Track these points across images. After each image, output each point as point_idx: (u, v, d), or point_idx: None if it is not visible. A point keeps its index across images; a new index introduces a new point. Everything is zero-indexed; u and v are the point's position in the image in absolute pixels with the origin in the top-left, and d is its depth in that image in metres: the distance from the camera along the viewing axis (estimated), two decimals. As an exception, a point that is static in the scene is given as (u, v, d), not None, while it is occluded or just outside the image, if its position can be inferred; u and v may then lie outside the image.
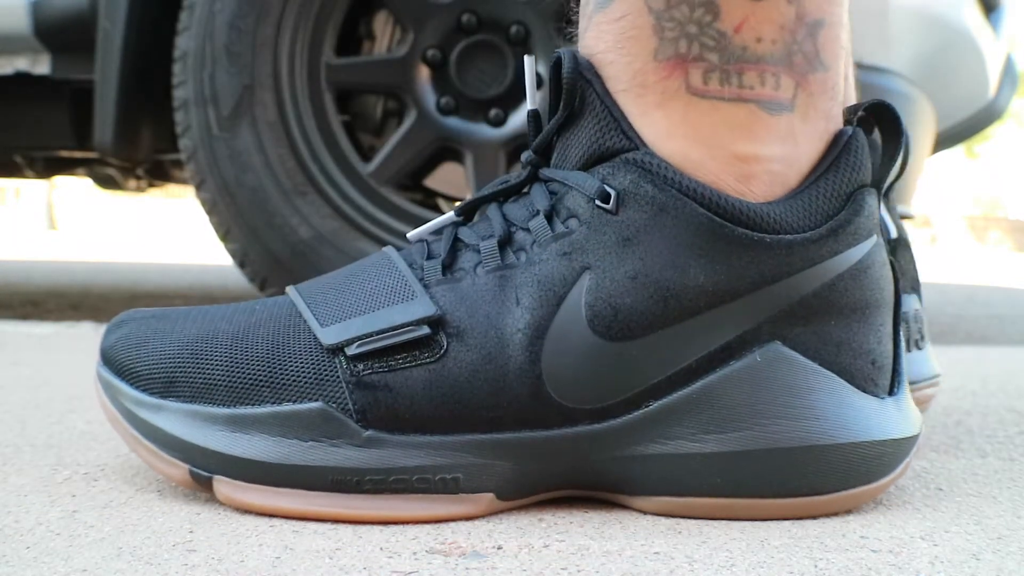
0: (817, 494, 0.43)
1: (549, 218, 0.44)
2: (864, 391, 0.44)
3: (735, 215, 0.42)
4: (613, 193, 0.43)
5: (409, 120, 1.19)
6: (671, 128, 0.43)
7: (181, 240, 8.70)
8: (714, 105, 0.43)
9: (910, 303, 0.59)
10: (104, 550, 0.38)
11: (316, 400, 0.43)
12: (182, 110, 1.24)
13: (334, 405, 0.43)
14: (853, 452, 0.43)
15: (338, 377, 0.43)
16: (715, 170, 0.43)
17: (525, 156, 0.47)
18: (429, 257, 0.46)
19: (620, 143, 0.43)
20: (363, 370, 0.43)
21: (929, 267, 6.41)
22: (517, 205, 0.46)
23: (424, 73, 1.18)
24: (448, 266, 0.45)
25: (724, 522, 0.43)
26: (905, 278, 0.60)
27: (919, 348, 0.59)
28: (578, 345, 0.42)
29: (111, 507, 0.44)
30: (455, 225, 0.47)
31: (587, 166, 0.44)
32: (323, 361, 0.43)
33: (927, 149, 1.38)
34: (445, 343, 0.43)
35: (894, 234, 0.61)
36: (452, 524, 0.42)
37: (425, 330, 0.43)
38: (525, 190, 0.47)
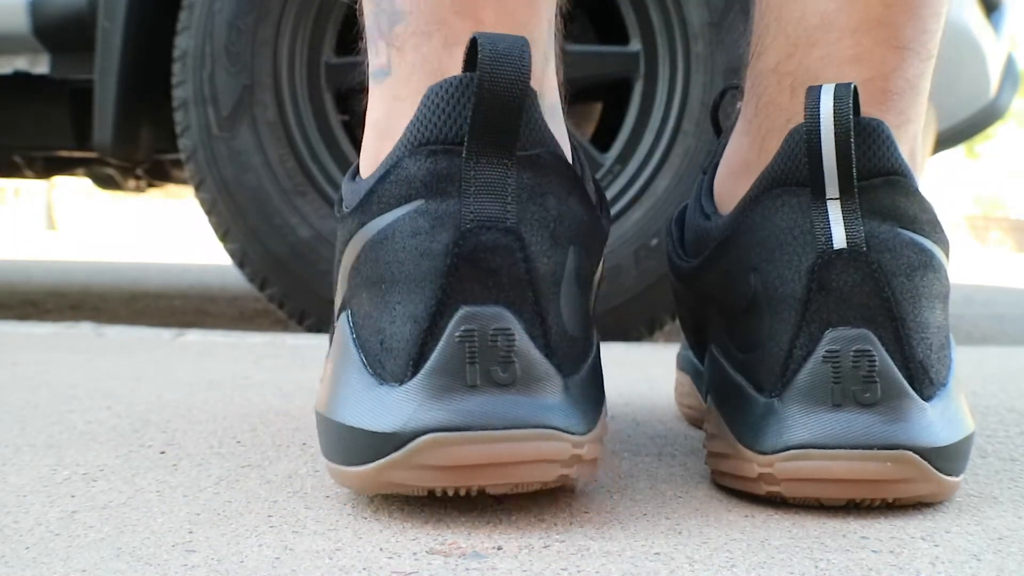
0: (326, 457, 0.44)
1: None
2: (372, 372, 0.41)
3: (344, 190, 0.46)
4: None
5: (409, 120, 1.19)
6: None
7: (181, 240, 8.71)
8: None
9: None
10: (103, 550, 0.38)
11: None
12: (182, 110, 1.24)
13: None
14: (331, 427, 0.43)
15: None
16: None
17: None
18: None
19: None
20: None
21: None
22: None
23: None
24: None
25: (725, 522, 0.43)
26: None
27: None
28: None
29: (110, 507, 0.44)
30: None
31: None
32: None
33: (928, 149, 1.38)
34: None
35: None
36: (452, 524, 0.42)
37: None
38: None
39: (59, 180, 2.34)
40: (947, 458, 0.44)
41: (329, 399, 0.43)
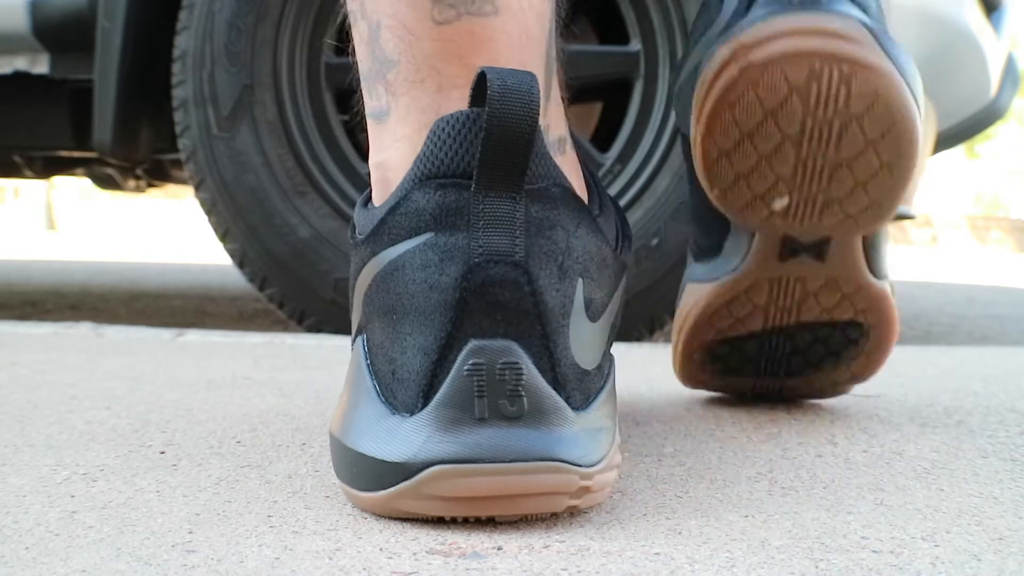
0: (339, 478, 0.45)
1: None
2: (385, 400, 0.42)
3: (356, 217, 0.47)
4: None
5: (409, 120, 1.19)
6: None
7: (181, 240, 8.71)
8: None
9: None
10: (103, 551, 0.38)
11: None
12: (181, 110, 1.24)
13: None
14: (344, 452, 0.44)
15: None
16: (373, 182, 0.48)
17: None
18: None
19: None
20: None
21: (930, 267, 6.41)
22: None
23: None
24: None
25: (725, 522, 0.43)
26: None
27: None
28: None
29: (110, 508, 0.44)
30: None
31: None
32: None
33: (928, 149, 1.38)
34: None
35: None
36: (452, 524, 0.42)
37: None
38: None
39: (59, 180, 2.34)
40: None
41: (344, 424, 0.44)
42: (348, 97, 1.29)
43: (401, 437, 0.41)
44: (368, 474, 0.42)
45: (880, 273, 0.63)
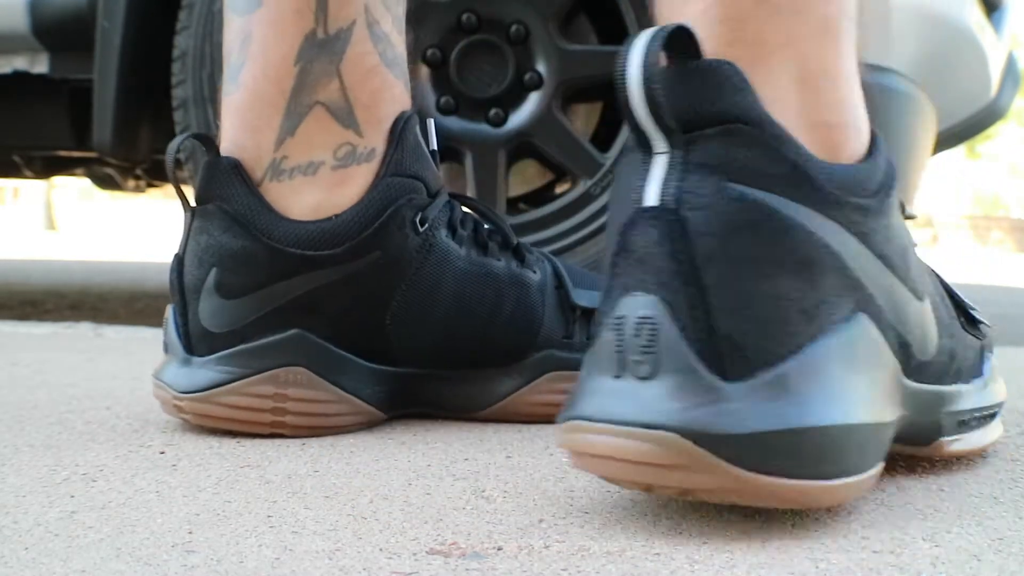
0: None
1: None
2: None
3: None
4: None
5: (408, 119, 1.19)
6: None
7: (181, 240, 8.70)
8: None
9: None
10: (103, 551, 0.38)
11: None
12: (181, 109, 1.24)
13: None
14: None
15: None
16: None
17: None
18: None
19: None
20: None
21: (930, 267, 6.40)
22: None
23: (423, 72, 1.18)
24: None
25: (725, 522, 0.43)
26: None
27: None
28: None
29: (110, 508, 0.44)
30: None
31: None
32: None
33: (928, 148, 1.38)
34: None
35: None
36: (452, 524, 0.42)
37: None
38: None
39: (58, 180, 2.34)
40: (746, 448, 0.38)
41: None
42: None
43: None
44: None
45: None
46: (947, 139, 1.48)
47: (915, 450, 0.51)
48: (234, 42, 0.62)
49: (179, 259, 0.60)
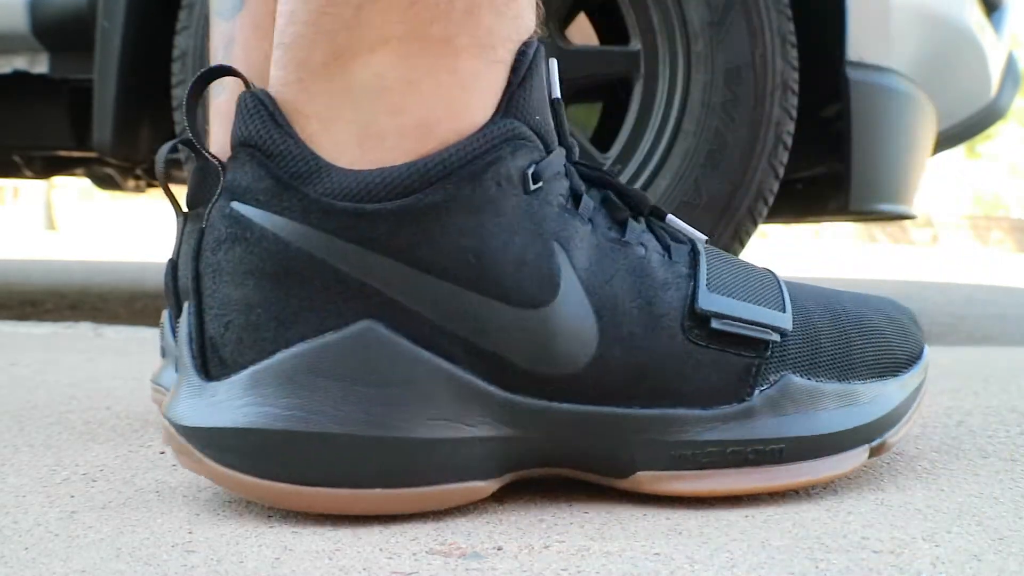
0: None
1: None
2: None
3: None
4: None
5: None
6: None
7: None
8: None
9: None
10: (103, 551, 0.38)
11: None
12: (181, 109, 1.24)
13: None
14: None
15: None
16: None
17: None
18: None
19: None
20: None
21: (931, 267, 6.41)
22: None
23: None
24: None
25: (725, 523, 0.43)
26: None
27: None
28: None
29: (110, 508, 0.44)
30: None
31: None
32: None
33: (928, 148, 1.38)
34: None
35: None
36: (452, 524, 0.42)
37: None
38: None
39: (58, 180, 2.34)
40: (211, 443, 0.42)
41: None
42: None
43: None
44: None
45: None
46: (947, 139, 1.48)
47: (612, 482, 0.46)
48: (218, 47, 0.61)
49: (173, 264, 0.56)
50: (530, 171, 0.43)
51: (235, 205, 0.42)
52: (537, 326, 0.43)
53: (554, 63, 0.48)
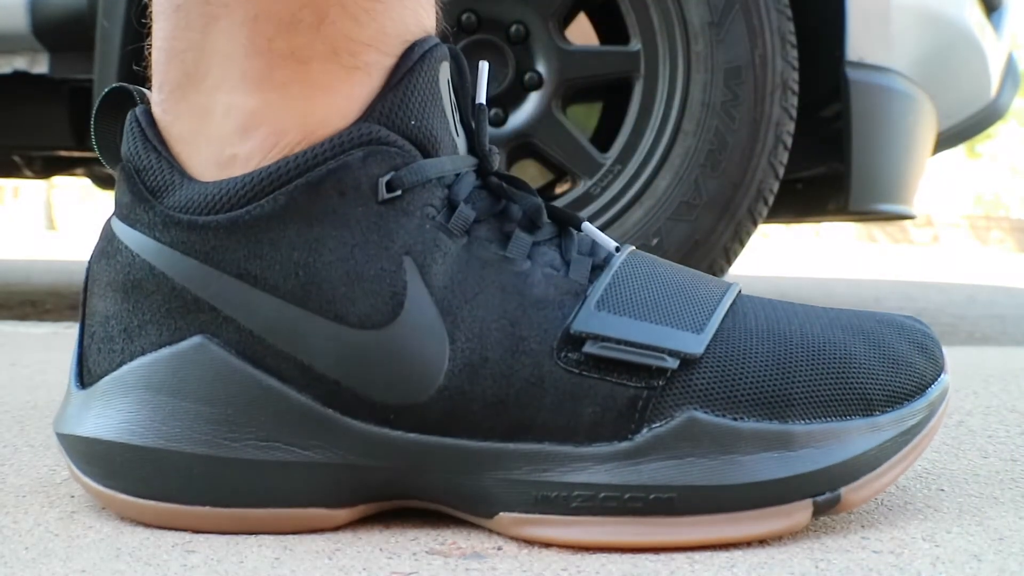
0: None
1: None
2: None
3: None
4: None
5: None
6: None
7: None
8: None
9: None
10: (103, 551, 0.38)
11: None
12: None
13: None
14: None
15: None
16: None
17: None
18: None
19: None
20: None
21: (931, 267, 6.41)
22: None
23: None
24: None
25: (725, 522, 0.43)
26: None
27: None
28: None
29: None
30: None
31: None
32: None
33: (928, 148, 1.38)
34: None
35: None
36: (452, 524, 0.42)
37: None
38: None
39: (58, 180, 2.34)
40: (69, 448, 0.43)
41: None
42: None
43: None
44: None
45: None
46: (947, 139, 1.48)
47: (480, 522, 0.41)
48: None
49: None
50: (384, 179, 0.40)
51: (112, 220, 0.44)
52: (373, 349, 0.40)
53: (484, 65, 0.45)
